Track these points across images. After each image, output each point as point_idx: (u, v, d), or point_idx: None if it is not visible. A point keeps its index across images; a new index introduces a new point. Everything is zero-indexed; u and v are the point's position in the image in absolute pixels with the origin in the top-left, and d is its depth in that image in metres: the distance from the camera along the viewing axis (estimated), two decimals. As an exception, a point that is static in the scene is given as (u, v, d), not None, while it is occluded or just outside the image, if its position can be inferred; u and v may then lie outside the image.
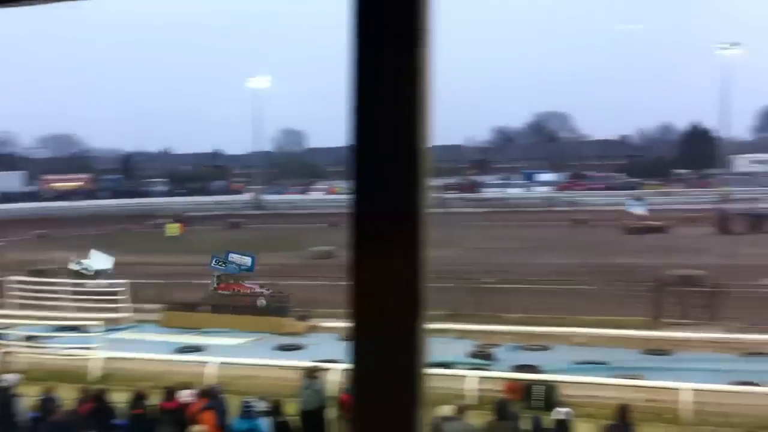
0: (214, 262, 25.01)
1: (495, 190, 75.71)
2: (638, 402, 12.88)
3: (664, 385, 14.52)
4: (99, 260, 29.16)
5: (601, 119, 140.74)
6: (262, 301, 24.03)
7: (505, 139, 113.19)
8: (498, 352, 18.12)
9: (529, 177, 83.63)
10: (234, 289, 24.58)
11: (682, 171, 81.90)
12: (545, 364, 16.75)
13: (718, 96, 74.29)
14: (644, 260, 30.03)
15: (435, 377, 15.94)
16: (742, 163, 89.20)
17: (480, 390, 14.91)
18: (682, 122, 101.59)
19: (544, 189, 75.59)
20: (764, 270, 26.41)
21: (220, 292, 24.53)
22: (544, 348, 18.44)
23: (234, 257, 25.08)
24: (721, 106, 74.71)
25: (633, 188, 69.52)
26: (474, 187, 76.51)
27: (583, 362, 16.99)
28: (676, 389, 14.12)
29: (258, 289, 24.61)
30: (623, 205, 51.47)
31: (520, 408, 13.09)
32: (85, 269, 28.50)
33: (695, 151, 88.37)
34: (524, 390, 14.17)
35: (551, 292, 25.74)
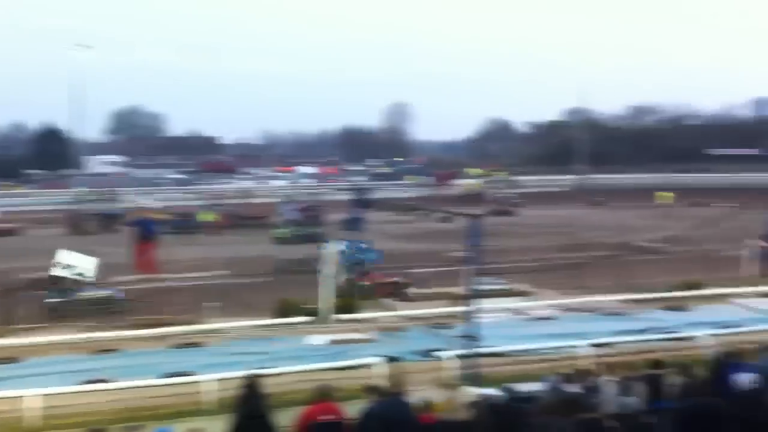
0: (347, 249, 22.63)
1: None
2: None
3: (9, 394, 13.64)
4: (82, 262, 22.51)
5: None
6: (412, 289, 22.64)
7: None
8: None
9: None
10: (376, 280, 22.85)
11: (36, 171, 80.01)
12: None
13: (71, 96, 74.14)
14: (-6, 265, 28.28)
15: None
16: (96, 163, 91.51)
17: None
18: (35, 122, 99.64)
19: None
20: (117, 268, 27.08)
21: (361, 283, 22.28)
22: None
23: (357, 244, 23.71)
24: (73, 107, 74.85)
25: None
26: None
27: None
28: (22, 397, 13.39)
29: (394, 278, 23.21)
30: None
31: None
32: (80, 274, 21.88)
33: (48, 152, 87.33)
34: None
35: None
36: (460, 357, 14.72)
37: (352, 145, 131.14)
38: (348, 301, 20.56)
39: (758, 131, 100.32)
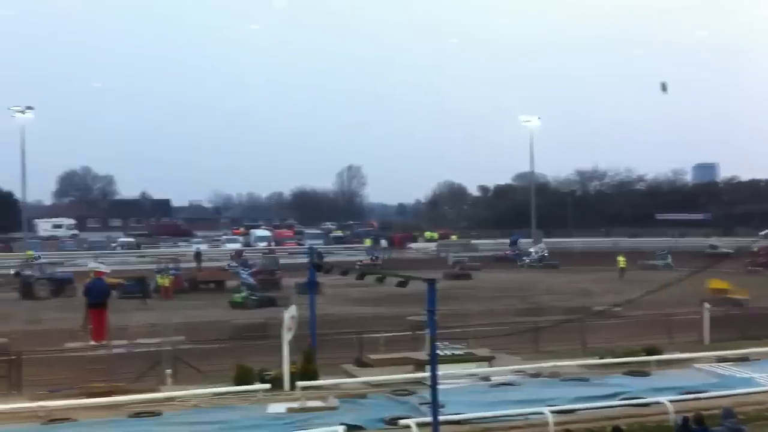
0: None
1: None
2: None
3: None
4: None
5: None
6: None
7: None
8: None
9: None
10: None
11: (-17, 235, 78.17)
12: None
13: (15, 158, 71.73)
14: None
15: None
16: (44, 227, 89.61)
17: None
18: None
19: None
20: (68, 334, 26.36)
21: None
22: None
23: None
24: (21, 170, 72.47)
25: None
26: None
27: None
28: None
29: None
30: None
31: None
32: None
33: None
34: None
35: None
36: (425, 425, 14.51)
37: (305, 208, 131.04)
38: (308, 367, 20.18)
39: (699, 195, 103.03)
